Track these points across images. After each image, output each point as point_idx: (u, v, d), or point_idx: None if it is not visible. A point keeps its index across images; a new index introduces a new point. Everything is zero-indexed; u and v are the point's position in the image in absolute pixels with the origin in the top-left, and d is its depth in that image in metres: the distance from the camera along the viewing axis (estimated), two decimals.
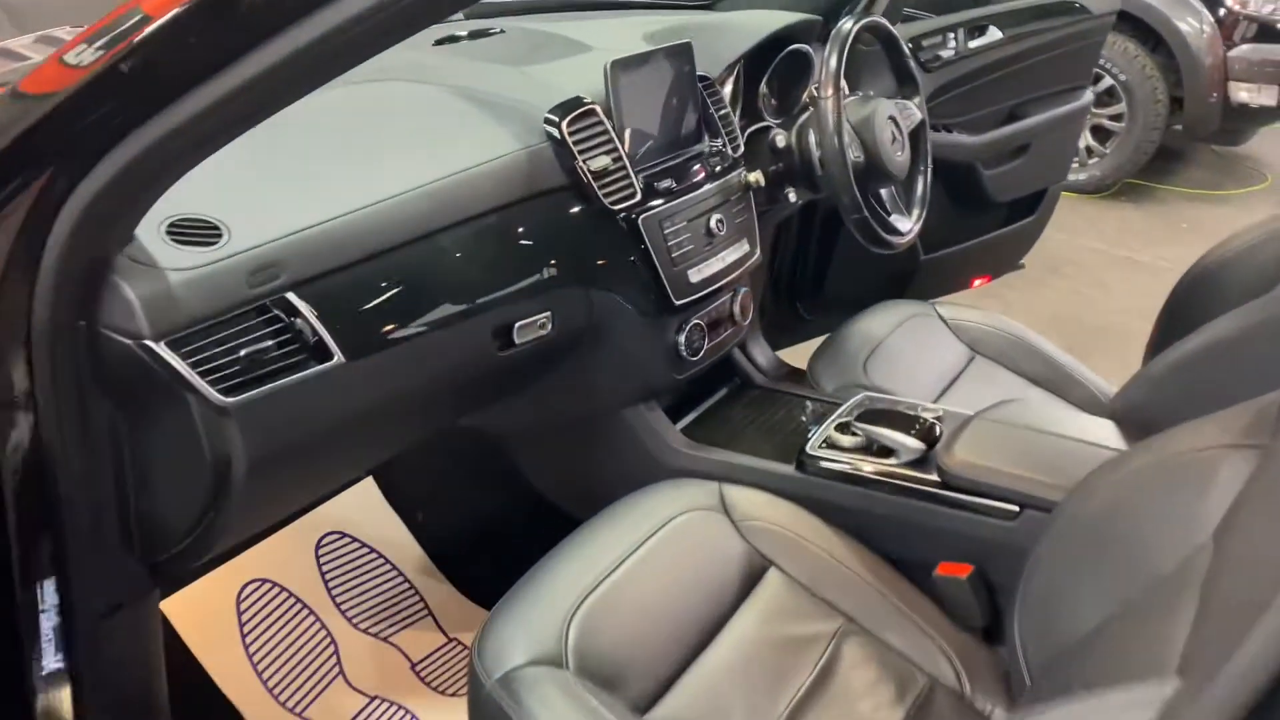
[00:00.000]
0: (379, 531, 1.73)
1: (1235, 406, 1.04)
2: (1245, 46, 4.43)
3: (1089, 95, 2.66)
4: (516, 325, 1.29)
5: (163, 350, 0.97)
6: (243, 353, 1.03)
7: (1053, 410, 1.45)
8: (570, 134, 1.33)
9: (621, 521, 1.30)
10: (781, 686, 1.17)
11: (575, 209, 1.35)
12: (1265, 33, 4.44)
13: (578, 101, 1.36)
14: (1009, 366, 1.84)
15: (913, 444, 1.35)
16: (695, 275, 1.44)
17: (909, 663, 1.23)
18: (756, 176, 1.56)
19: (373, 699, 1.56)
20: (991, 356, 1.86)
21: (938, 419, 1.41)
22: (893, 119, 1.69)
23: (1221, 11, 4.41)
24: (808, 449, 1.43)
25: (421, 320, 1.19)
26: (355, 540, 1.70)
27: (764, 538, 1.32)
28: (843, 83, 1.55)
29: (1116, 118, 4.53)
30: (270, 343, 1.05)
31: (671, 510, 1.31)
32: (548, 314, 1.33)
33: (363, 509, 1.73)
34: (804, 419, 1.58)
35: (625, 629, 1.17)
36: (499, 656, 1.11)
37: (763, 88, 1.75)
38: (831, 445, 1.43)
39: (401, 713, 1.54)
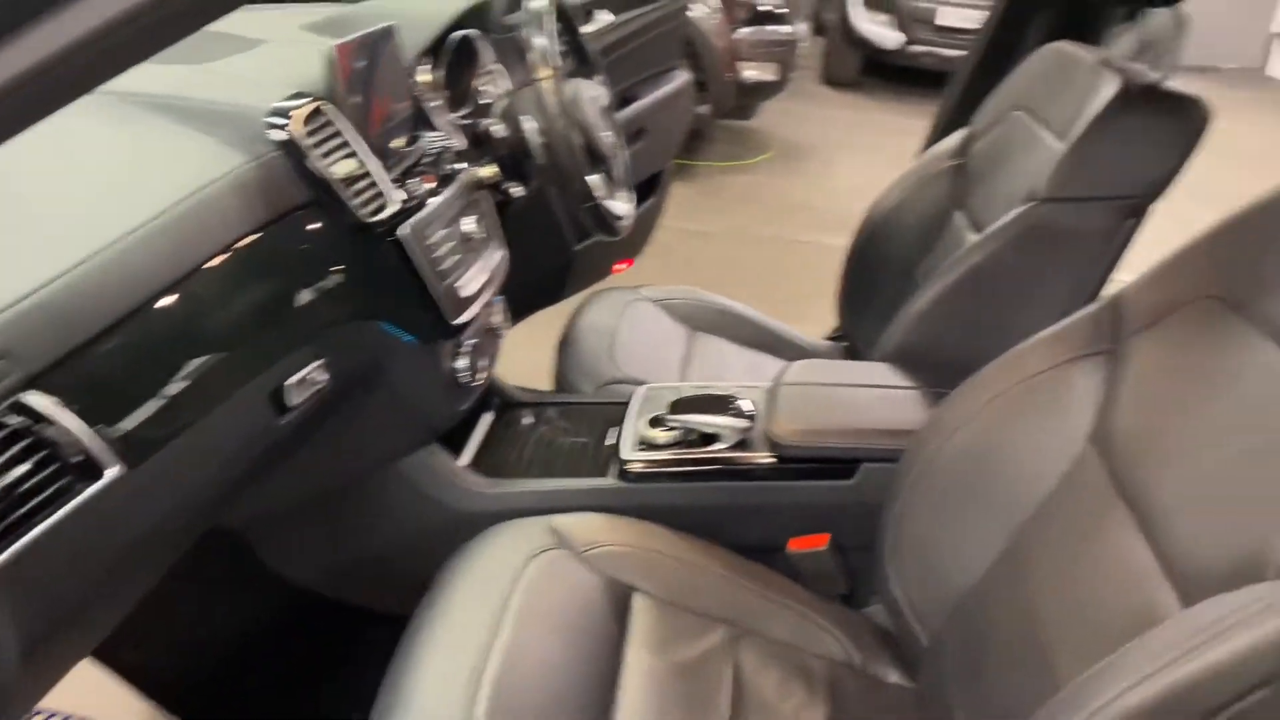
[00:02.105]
0: (79, 692, 1.29)
1: (1065, 321, 1.11)
2: (747, 29, 4.97)
3: (686, 74, 2.78)
4: (289, 383, 1.02)
5: None
6: None
7: (834, 365, 1.47)
8: (305, 136, 1.07)
9: (467, 593, 1.09)
10: (709, 715, 1.05)
11: (325, 227, 1.09)
12: (759, 16, 5.02)
13: (302, 96, 1.10)
14: (727, 337, 1.87)
15: (738, 424, 1.29)
16: (465, 289, 1.25)
17: (801, 650, 1.18)
18: (491, 171, 1.39)
19: None
20: (707, 330, 1.87)
21: (736, 396, 1.36)
22: (593, 99, 1.61)
23: None
24: (624, 455, 1.31)
25: (195, 396, 0.88)
26: (52, 715, 1.25)
27: (614, 562, 1.19)
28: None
29: None
30: (17, 471, 0.71)
31: (515, 562, 1.13)
32: (322, 361, 1.06)
33: None
34: (594, 426, 1.45)
35: (534, 708, 0.98)
36: None
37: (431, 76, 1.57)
38: (649, 445, 1.32)
39: None
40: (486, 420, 1.46)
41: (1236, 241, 0.98)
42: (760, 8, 5.03)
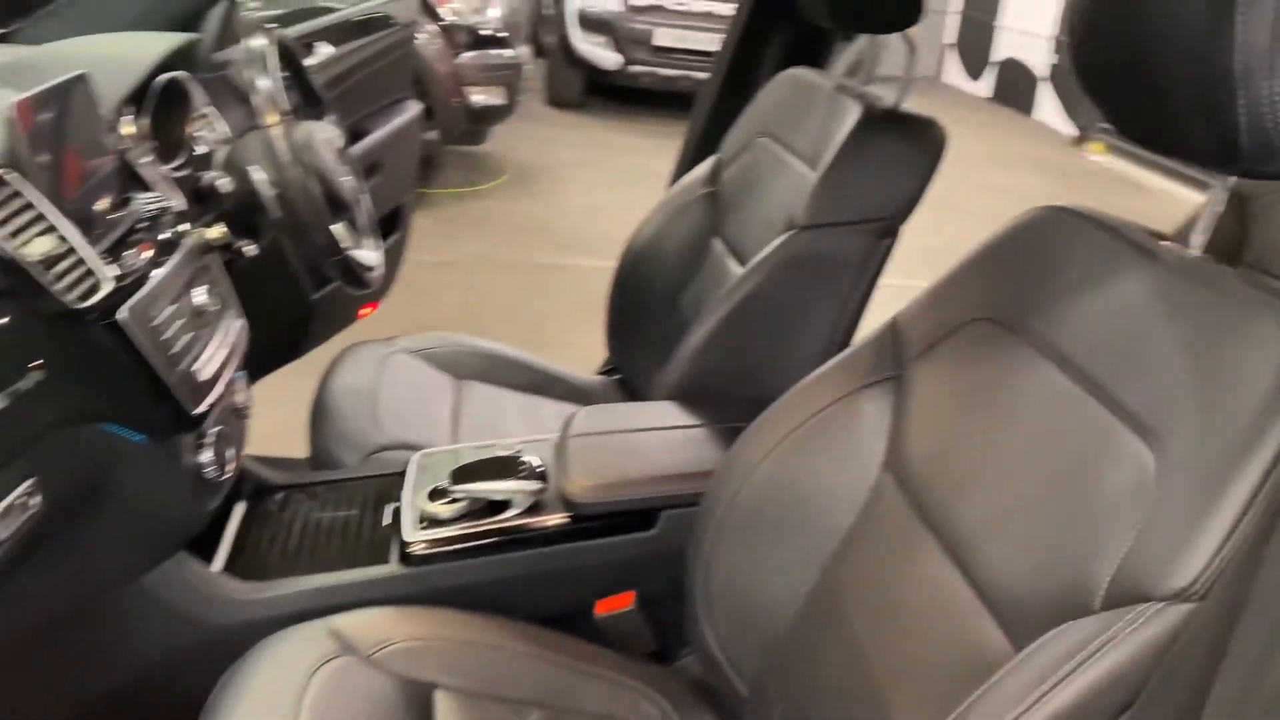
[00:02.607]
0: None
1: (848, 351, 1.11)
2: (470, 54, 4.89)
3: (416, 105, 2.67)
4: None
5: None
6: None
7: (619, 410, 1.41)
8: None
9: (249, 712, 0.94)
10: None
11: (20, 319, 0.91)
12: (481, 41, 4.95)
13: None
14: (496, 383, 1.78)
15: (529, 487, 1.21)
16: (204, 371, 1.08)
17: (614, 716, 1.11)
18: (220, 231, 1.23)
19: None
20: (474, 378, 1.77)
21: (522, 455, 1.28)
22: (328, 141, 1.47)
23: (442, 22, 4.78)
24: (406, 536, 1.19)
25: None
26: None
27: (408, 660, 1.07)
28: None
29: None
30: None
31: (295, 679, 0.99)
32: (31, 482, 0.88)
33: None
34: (366, 504, 1.31)
35: None
36: None
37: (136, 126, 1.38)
38: (432, 522, 1.21)
39: None
40: (239, 512, 1.29)
41: (1000, 264, 1.01)
42: (481, 32, 4.96)
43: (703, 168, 1.78)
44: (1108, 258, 0.90)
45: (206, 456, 1.11)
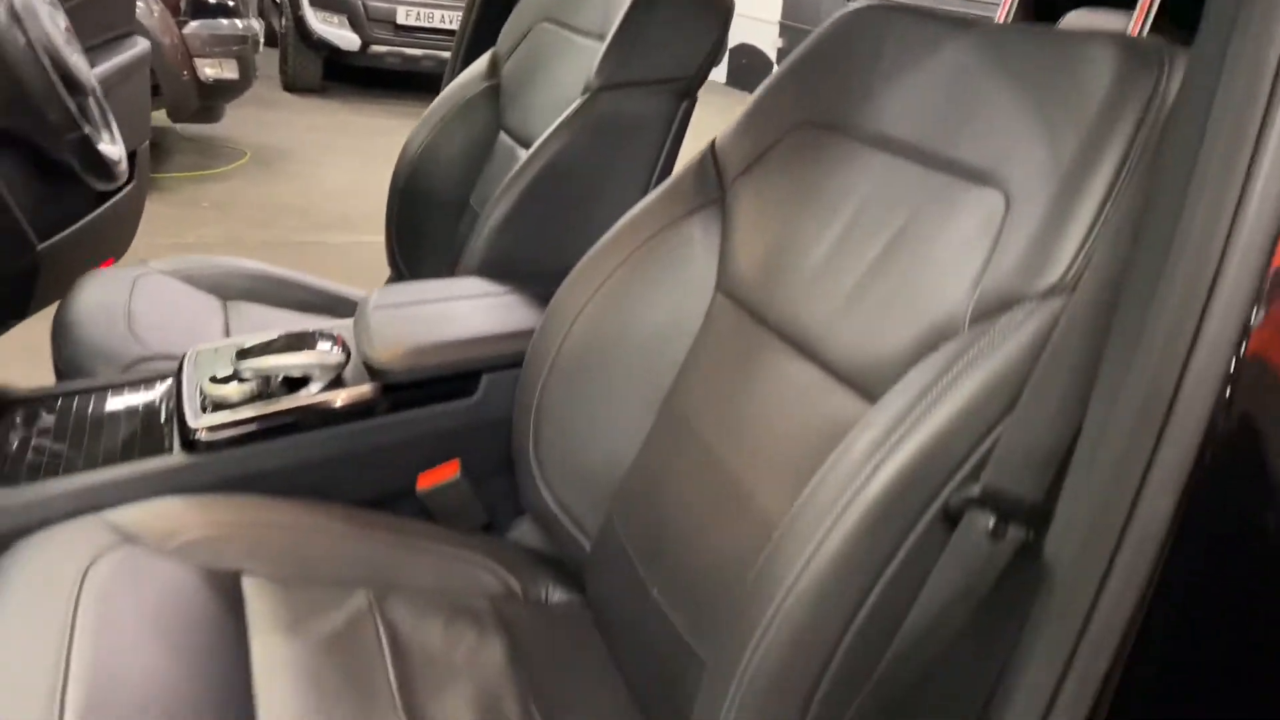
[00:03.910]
0: None
1: (667, 181, 1.07)
2: (196, 23, 4.52)
3: (143, 41, 2.40)
4: None
5: None
6: None
7: (420, 285, 1.29)
8: None
9: (7, 620, 0.77)
10: (372, 687, 0.86)
11: None
12: (205, 8, 4.59)
13: None
14: (270, 303, 1.61)
15: (330, 360, 1.08)
16: None
17: (456, 593, 1.02)
18: None
19: None
20: (243, 299, 1.60)
21: (319, 332, 1.15)
22: (53, 16, 1.28)
23: None
24: (190, 423, 1.04)
25: None
26: None
27: (206, 550, 0.93)
28: None
29: None
30: None
31: (68, 572, 0.83)
32: None
33: None
34: (135, 407, 1.13)
35: None
36: None
37: None
38: (219, 406, 1.06)
39: None
40: None
41: (812, 70, 1.00)
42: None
43: (478, 65, 1.70)
44: (923, 37, 0.90)
45: None
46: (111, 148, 1.34)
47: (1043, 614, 0.57)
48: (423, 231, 1.67)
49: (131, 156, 2.41)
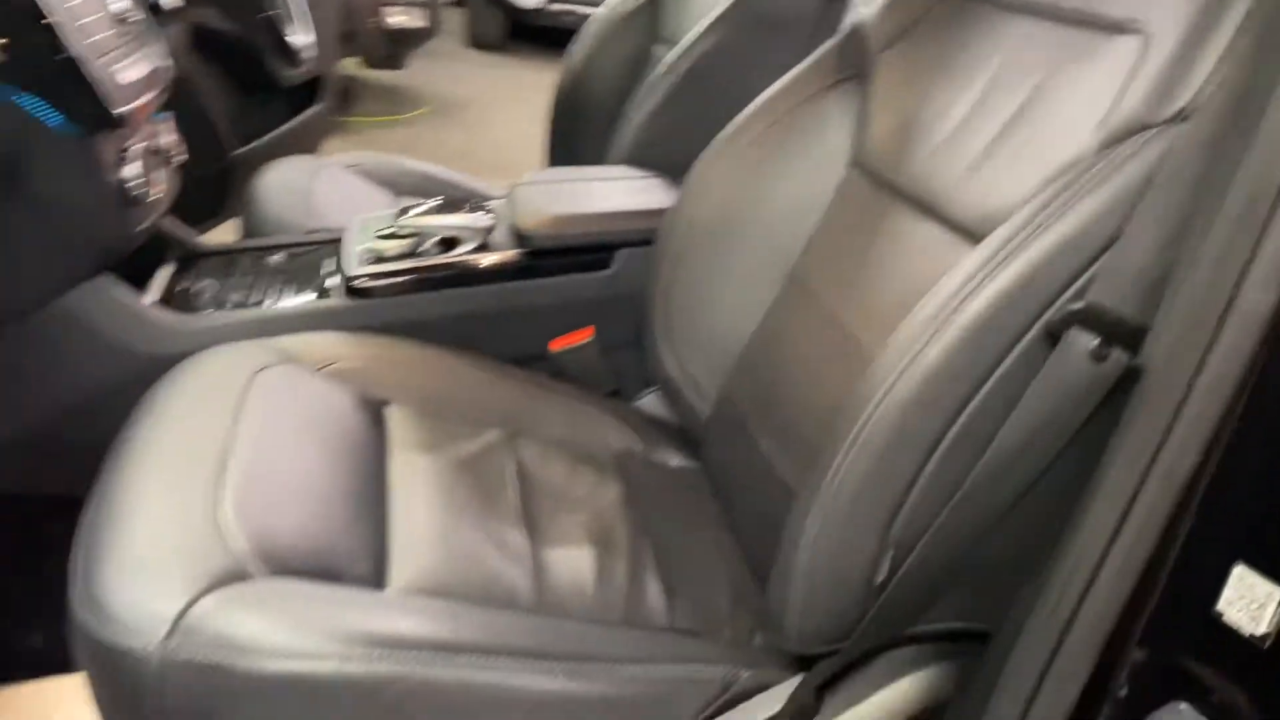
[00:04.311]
0: None
1: (807, 59, 1.09)
2: None
3: None
4: None
5: None
6: None
7: (569, 169, 1.36)
8: None
9: (178, 414, 0.87)
10: (497, 504, 0.92)
11: None
12: None
13: None
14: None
15: (479, 223, 1.15)
16: (125, 74, 1.01)
17: (581, 443, 1.07)
18: None
19: None
20: (412, 194, 1.70)
21: (474, 200, 1.22)
22: None
23: None
24: (349, 271, 1.13)
25: None
26: None
27: (359, 378, 1.02)
28: None
29: None
30: None
31: (237, 379, 0.92)
32: None
33: None
34: (307, 261, 1.24)
35: (290, 513, 0.79)
36: (142, 613, 0.66)
37: None
38: (378, 259, 1.15)
39: None
40: (168, 268, 1.21)
41: None
42: None
43: None
44: None
45: (131, 170, 1.03)
46: (298, 36, 1.45)
47: (1130, 416, 0.57)
48: (578, 141, 1.74)
49: (318, 81, 2.58)
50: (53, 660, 0.85)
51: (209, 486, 0.77)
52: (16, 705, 1.03)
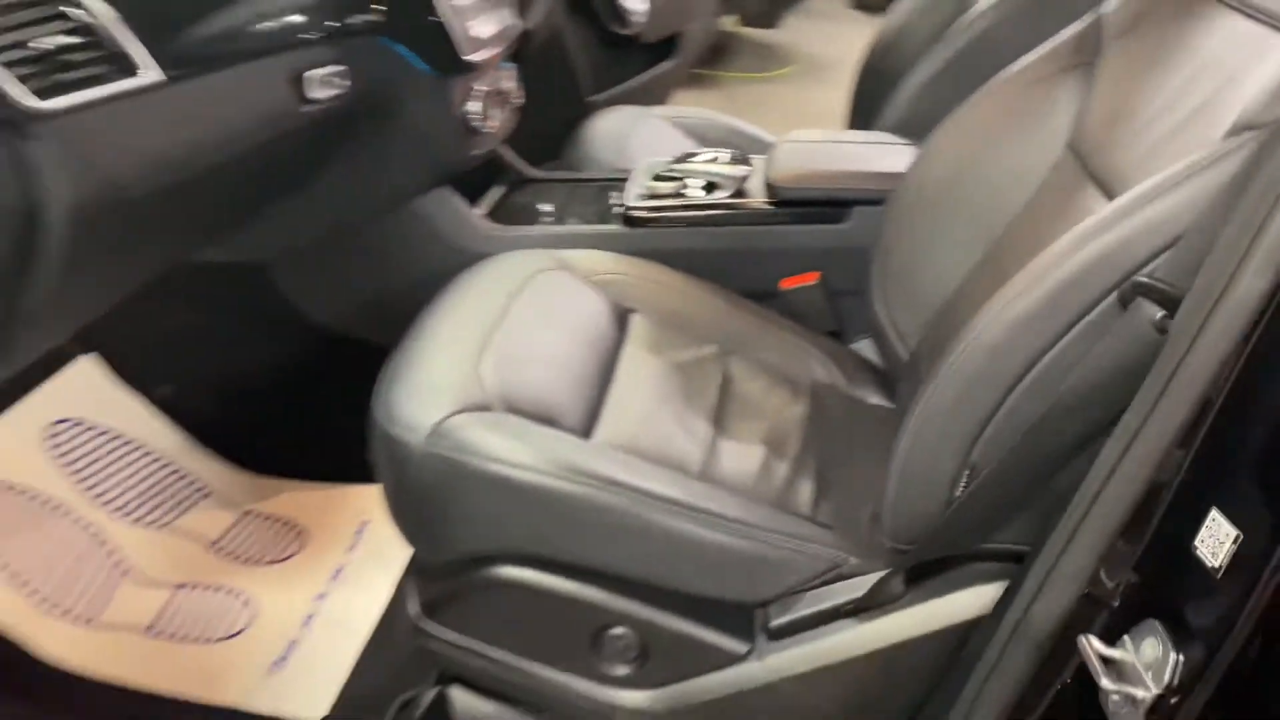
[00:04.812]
0: (117, 415, 1.39)
1: (1048, 43, 1.16)
2: None
3: None
4: (310, 75, 1.08)
5: None
6: (39, 49, 0.76)
7: (832, 133, 1.52)
8: None
9: (475, 290, 1.16)
10: (694, 402, 1.12)
11: None
12: None
13: None
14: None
15: (737, 172, 1.35)
16: (478, 30, 1.31)
17: (788, 369, 1.24)
18: None
19: (178, 587, 1.26)
20: (717, 144, 1.92)
21: (739, 154, 1.42)
22: None
23: None
24: (629, 203, 1.38)
25: (226, 40, 0.95)
26: (91, 427, 1.35)
27: (617, 289, 1.26)
28: None
29: None
30: (64, 40, 0.78)
31: (518, 275, 1.20)
32: (343, 68, 1.13)
33: (91, 395, 1.37)
34: (602, 193, 1.51)
35: (531, 373, 1.05)
36: (416, 414, 0.94)
37: None
38: (653, 196, 1.39)
39: (219, 594, 1.26)
40: (500, 188, 1.53)
41: None
42: None
43: None
44: None
45: (475, 106, 1.34)
46: (635, 2, 1.70)
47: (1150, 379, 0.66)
48: (879, 103, 1.86)
49: (676, 37, 2.85)
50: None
51: (477, 347, 1.05)
52: (343, 501, 1.41)
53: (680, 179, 1.39)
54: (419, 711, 1.05)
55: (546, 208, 1.47)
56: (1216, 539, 0.62)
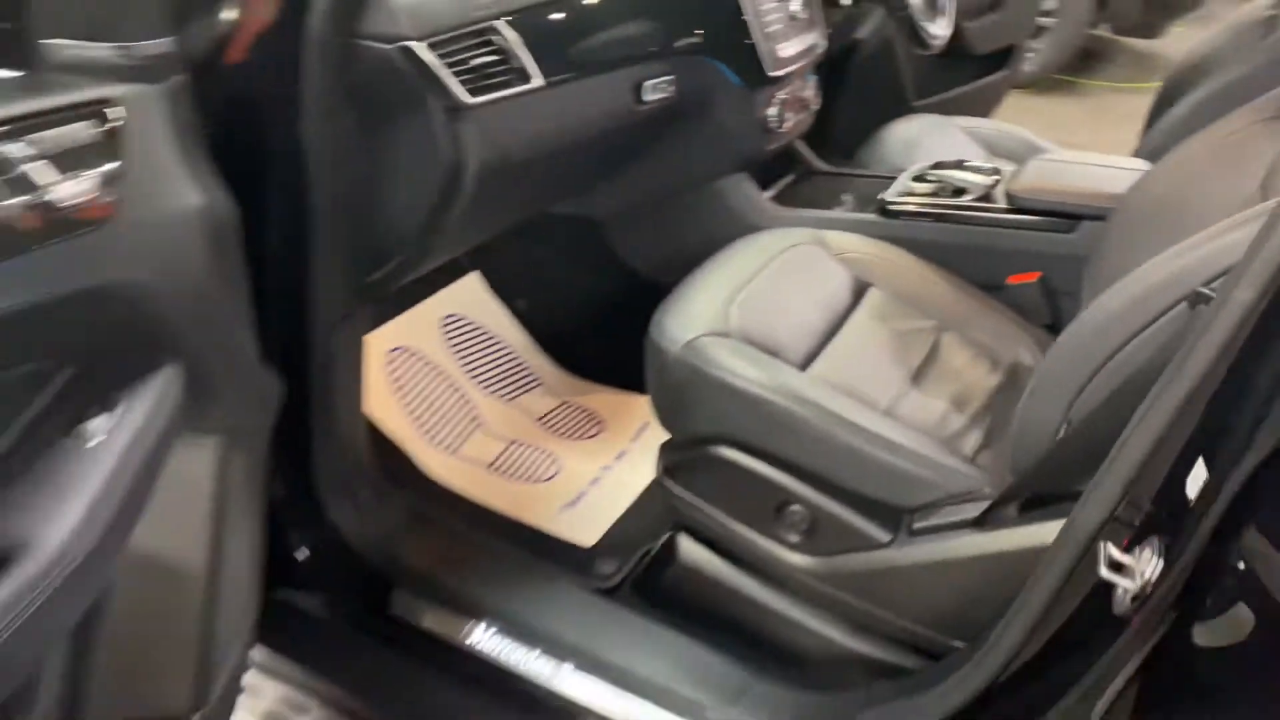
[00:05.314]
0: (489, 318, 1.91)
1: (1267, 94, 1.31)
2: None
3: None
4: (646, 83, 1.49)
5: (422, 50, 1.15)
6: (472, 63, 1.21)
7: (1078, 154, 1.70)
8: None
9: (742, 253, 1.52)
10: (900, 361, 1.41)
11: None
12: None
13: None
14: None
15: (984, 180, 1.60)
16: (783, 52, 1.65)
17: (994, 349, 1.48)
18: None
19: (510, 443, 1.75)
20: (1006, 158, 2.12)
21: (997, 167, 1.66)
22: None
23: None
24: (888, 197, 1.67)
25: (592, 52, 1.38)
26: (472, 322, 1.88)
27: (860, 266, 1.56)
28: None
29: (1047, 13, 4.83)
30: (488, 58, 1.24)
31: (780, 244, 1.54)
32: (672, 78, 1.53)
33: (474, 299, 1.91)
34: (870, 187, 1.81)
35: (772, 317, 1.39)
36: (678, 332, 1.32)
37: None
38: (910, 194, 1.67)
39: (538, 453, 1.74)
40: (790, 177, 1.88)
41: None
42: None
43: None
44: None
45: (773, 111, 1.69)
46: (933, 24, 1.96)
47: None
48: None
49: (1010, 50, 3.00)
50: None
51: (732, 292, 1.40)
52: (635, 405, 1.84)
53: (936, 182, 1.65)
54: (655, 549, 1.45)
55: (822, 197, 1.80)
56: (1195, 480, 0.85)
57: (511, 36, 1.26)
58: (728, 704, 1.25)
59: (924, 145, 2.05)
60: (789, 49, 1.67)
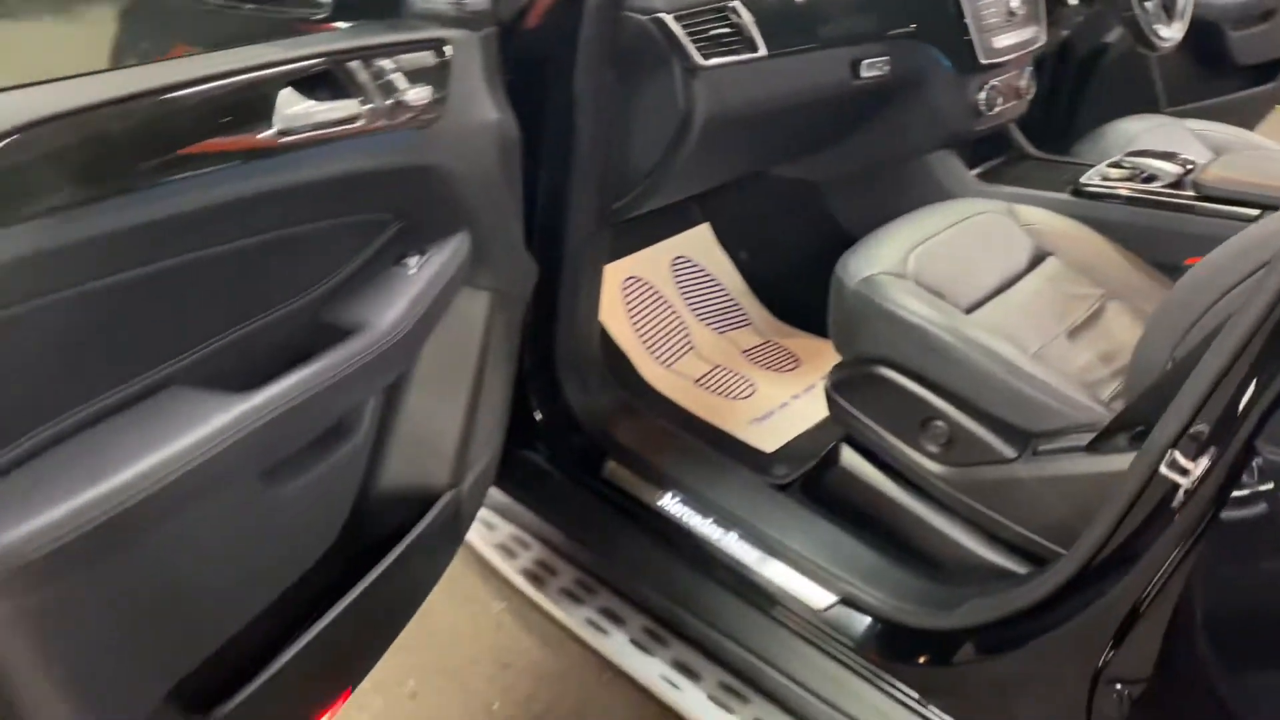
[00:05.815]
0: (713, 264, 2.23)
1: None
2: None
3: None
4: (864, 61, 1.74)
5: (670, 21, 1.47)
6: (710, 33, 1.52)
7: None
8: None
9: (933, 212, 1.74)
10: (1060, 316, 1.58)
11: None
12: None
13: None
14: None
15: (1174, 169, 1.73)
16: (998, 43, 1.85)
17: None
18: None
19: (716, 366, 2.06)
20: (1215, 150, 2.18)
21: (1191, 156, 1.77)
22: None
23: None
24: (1083, 180, 1.83)
25: (815, 36, 1.65)
26: (697, 265, 2.20)
27: (1043, 237, 1.73)
28: None
29: None
30: (724, 29, 1.54)
31: (970, 210, 1.74)
32: (887, 58, 1.77)
33: (702, 246, 2.23)
34: (1071, 171, 1.96)
35: (947, 268, 1.60)
36: (859, 269, 1.57)
37: None
38: (1104, 178, 1.82)
39: (738, 377, 2.04)
40: (1000, 159, 2.05)
41: None
42: None
43: None
44: None
45: (983, 95, 1.89)
46: (1167, 29, 2.06)
47: None
48: None
49: (1277, 63, 2.95)
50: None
51: (915, 242, 1.63)
52: (829, 349, 2.08)
53: (1131, 169, 1.79)
54: (822, 453, 1.71)
55: (1027, 177, 1.97)
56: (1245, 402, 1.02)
57: (745, 14, 1.56)
58: (861, 580, 1.49)
59: (1142, 141, 2.15)
60: (1004, 40, 1.87)
